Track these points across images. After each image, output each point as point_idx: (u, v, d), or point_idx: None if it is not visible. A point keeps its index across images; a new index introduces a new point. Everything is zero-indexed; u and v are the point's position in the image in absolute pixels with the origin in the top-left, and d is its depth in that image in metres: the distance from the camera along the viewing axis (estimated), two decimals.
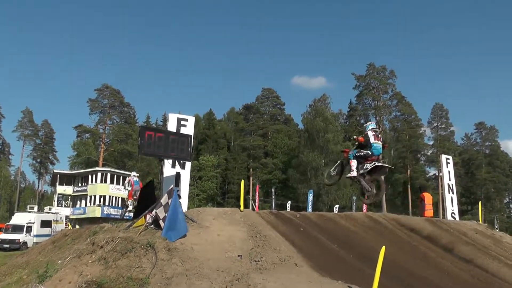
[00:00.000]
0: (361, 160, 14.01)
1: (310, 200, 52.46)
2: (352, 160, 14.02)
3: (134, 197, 18.07)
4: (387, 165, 14.72)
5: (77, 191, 67.05)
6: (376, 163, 13.93)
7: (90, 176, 66.07)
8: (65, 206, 65.99)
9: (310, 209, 48.42)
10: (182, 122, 14.82)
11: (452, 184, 22.07)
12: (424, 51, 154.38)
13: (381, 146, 14.22)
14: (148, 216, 11.98)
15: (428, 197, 19.69)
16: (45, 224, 46.72)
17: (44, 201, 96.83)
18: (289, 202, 59.65)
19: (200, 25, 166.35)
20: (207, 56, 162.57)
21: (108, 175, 65.74)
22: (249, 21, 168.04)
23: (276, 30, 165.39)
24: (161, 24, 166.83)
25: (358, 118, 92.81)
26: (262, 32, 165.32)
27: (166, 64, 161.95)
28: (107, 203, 63.88)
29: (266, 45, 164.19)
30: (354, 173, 13.87)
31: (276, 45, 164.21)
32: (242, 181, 14.83)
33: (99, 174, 65.47)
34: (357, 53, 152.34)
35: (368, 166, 13.82)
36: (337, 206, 59.40)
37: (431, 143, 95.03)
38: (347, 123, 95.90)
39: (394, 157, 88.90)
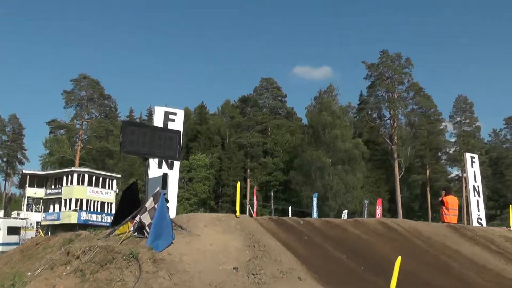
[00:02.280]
0: None
1: (315, 205, 52.60)
2: None
3: None
4: None
5: (50, 194, 66.97)
6: None
7: (65, 177, 66.02)
8: (36, 211, 65.97)
9: (315, 215, 48.60)
10: (170, 116, 14.80)
11: (478, 186, 22.08)
12: (445, 36, 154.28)
13: None
14: (131, 223, 11.95)
15: (451, 201, 19.64)
16: (13, 231, 46.71)
17: (11, 205, 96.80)
18: (290, 207, 59.74)
19: (190, 9, 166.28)
20: (199, 42, 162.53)
21: (86, 176, 65.71)
22: (245, 4, 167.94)
23: (275, 15, 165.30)
24: (145, 7, 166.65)
25: (369, 112, 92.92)
26: (260, 16, 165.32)
27: (152, 51, 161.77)
28: (84, 207, 63.87)
29: (265, 31, 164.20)
30: None
31: (275, 31, 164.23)
32: (238, 183, 14.80)
33: (75, 175, 65.41)
34: (367, 39, 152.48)
35: None
36: (346, 211, 59.52)
37: (453, 140, 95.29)
38: (357, 117, 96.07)
39: (411, 155, 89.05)
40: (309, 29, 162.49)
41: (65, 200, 64.57)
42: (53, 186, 67.90)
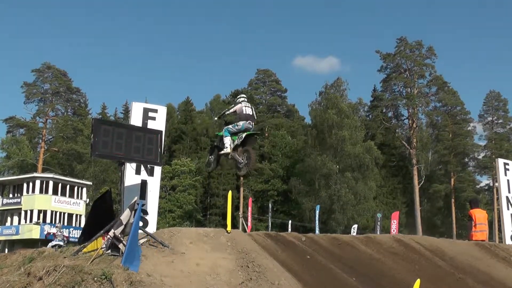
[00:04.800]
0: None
1: (317, 218, 52.71)
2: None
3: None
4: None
5: (7, 204, 66.92)
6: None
7: (25, 185, 65.94)
8: None
9: (318, 230, 48.68)
10: (150, 114, 14.82)
11: None
12: (474, 20, 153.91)
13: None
14: (104, 238, 11.94)
15: (479, 215, 19.69)
16: None
17: None
18: (290, 220, 59.87)
19: None
20: (182, 28, 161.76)
21: (50, 183, 65.63)
22: None
23: None
24: None
25: (384, 111, 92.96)
26: None
27: (129, 38, 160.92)
28: (48, 220, 63.76)
29: (260, 15, 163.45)
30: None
31: (272, 14, 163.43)
32: (230, 192, 14.77)
33: (37, 182, 65.35)
34: (382, 24, 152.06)
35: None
36: (355, 226, 59.69)
37: (483, 143, 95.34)
38: (370, 116, 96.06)
39: (432, 161, 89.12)
40: (311, 12, 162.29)
41: (26, 212, 64.51)
42: (11, 195, 67.80)
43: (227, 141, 16.21)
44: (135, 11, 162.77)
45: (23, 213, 64.43)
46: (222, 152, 16.31)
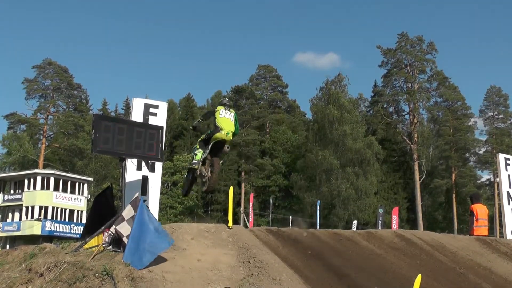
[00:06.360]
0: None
1: (319, 213, 52.70)
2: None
3: None
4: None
5: (8, 200, 66.78)
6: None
7: (26, 181, 65.83)
8: None
9: (319, 225, 48.67)
10: (151, 110, 14.80)
11: None
12: (475, 16, 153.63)
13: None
14: (105, 234, 11.91)
15: (481, 210, 19.66)
16: None
17: None
18: (291, 216, 59.80)
19: None
20: (185, 24, 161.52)
21: (52, 179, 65.52)
22: None
23: None
24: None
25: (385, 106, 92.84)
26: None
27: (130, 34, 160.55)
28: (49, 216, 63.70)
29: (261, 11, 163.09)
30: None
31: (273, 12, 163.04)
32: (231, 188, 14.72)
33: (38, 178, 65.24)
34: (382, 20, 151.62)
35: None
36: (355, 221, 59.58)
37: (484, 138, 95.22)
38: (370, 111, 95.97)
39: (433, 157, 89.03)
40: (312, 8, 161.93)
41: (27, 208, 64.38)
42: (12, 191, 67.70)
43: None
44: (136, 8, 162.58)
45: (24, 209, 64.35)
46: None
